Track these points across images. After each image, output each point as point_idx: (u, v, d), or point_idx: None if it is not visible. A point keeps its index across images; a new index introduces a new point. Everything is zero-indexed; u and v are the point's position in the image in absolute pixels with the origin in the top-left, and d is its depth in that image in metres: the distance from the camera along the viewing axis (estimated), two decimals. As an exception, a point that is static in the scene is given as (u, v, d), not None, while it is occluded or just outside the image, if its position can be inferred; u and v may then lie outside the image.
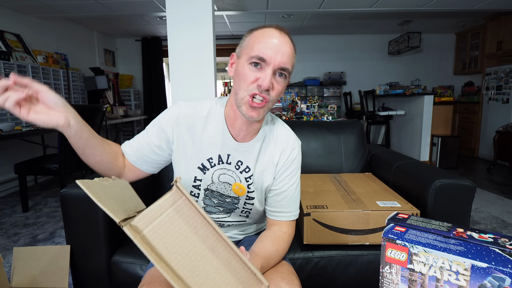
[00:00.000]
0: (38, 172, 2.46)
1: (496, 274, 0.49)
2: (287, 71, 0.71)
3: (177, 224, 0.50)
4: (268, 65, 0.69)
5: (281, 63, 0.69)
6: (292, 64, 0.74)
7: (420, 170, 1.20)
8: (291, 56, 0.72)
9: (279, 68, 0.70)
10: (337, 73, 5.49)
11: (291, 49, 0.72)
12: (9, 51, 3.08)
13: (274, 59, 0.68)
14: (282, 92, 0.75)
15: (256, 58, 0.69)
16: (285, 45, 0.70)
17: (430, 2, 3.43)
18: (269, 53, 0.68)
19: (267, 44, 0.69)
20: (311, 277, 1.04)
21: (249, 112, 0.71)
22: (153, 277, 0.71)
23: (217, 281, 0.48)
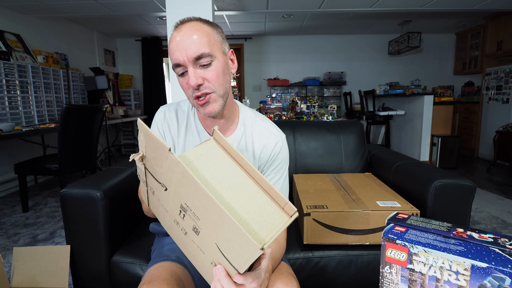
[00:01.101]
0: (38, 172, 2.46)
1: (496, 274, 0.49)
2: (204, 56, 0.69)
3: (220, 157, 0.56)
4: (186, 65, 0.70)
5: (191, 54, 0.69)
6: (207, 43, 0.70)
7: (420, 170, 1.20)
8: (199, 39, 0.69)
9: (194, 59, 0.69)
10: (337, 73, 5.49)
11: (196, 32, 0.70)
12: (9, 51, 3.08)
13: (184, 57, 0.69)
14: (222, 75, 0.74)
15: (175, 66, 0.72)
16: (184, 37, 0.69)
17: (430, 2, 3.43)
18: (179, 56, 0.69)
19: (173, 49, 0.70)
20: (311, 277, 1.04)
21: (204, 110, 0.74)
22: (153, 276, 0.71)
23: (257, 204, 0.50)
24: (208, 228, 0.48)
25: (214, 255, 0.50)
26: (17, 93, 3.07)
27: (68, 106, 2.27)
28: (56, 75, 3.62)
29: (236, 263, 0.47)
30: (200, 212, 0.48)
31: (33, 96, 3.26)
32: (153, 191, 0.62)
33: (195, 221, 0.50)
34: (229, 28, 4.84)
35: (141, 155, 0.59)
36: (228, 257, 0.47)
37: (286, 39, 5.48)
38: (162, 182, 0.55)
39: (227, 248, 0.47)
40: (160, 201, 0.60)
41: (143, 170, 0.61)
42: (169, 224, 0.62)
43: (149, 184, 0.63)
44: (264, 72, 5.60)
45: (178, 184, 0.50)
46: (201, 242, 0.52)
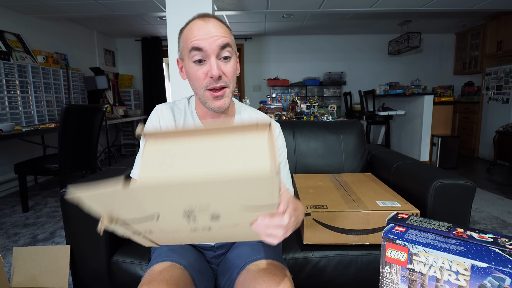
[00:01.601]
0: (38, 172, 2.46)
1: (496, 274, 0.49)
2: (229, 47, 0.72)
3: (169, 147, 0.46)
4: (208, 54, 0.70)
5: (218, 43, 0.70)
6: (230, 39, 0.74)
7: (420, 170, 1.20)
8: (225, 33, 0.72)
9: (220, 47, 0.70)
10: (337, 73, 5.49)
11: (221, 27, 0.72)
12: (9, 51, 3.08)
13: (209, 44, 0.69)
14: (235, 72, 0.76)
15: (194, 49, 0.70)
16: (212, 27, 0.71)
17: (430, 2, 3.43)
18: (203, 41, 0.70)
19: (196, 35, 0.70)
20: (311, 277, 1.04)
21: (215, 103, 0.74)
22: (153, 276, 0.71)
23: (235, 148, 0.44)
24: (224, 203, 0.44)
25: (247, 216, 0.48)
26: (17, 93, 3.07)
27: (68, 106, 2.27)
28: (56, 75, 3.62)
29: (270, 201, 0.45)
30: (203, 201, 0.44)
31: (33, 96, 3.26)
32: (150, 230, 0.52)
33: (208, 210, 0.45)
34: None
35: (107, 220, 0.47)
36: (259, 204, 0.45)
37: (286, 39, 5.48)
38: (150, 214, 0.46)
39: (252, 200, 0.44)
40: (164, 230, 0.52)
41: (123, 227, 0.50)
42: (190, 238, 0.55)
43: (140, 229, 0.52)
44: (264, 72, 5.60)
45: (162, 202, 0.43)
46: (228, 220, 0.48)
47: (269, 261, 0.76)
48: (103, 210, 0.46)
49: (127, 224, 0.49)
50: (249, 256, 0.78)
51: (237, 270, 0.76)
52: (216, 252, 0.88)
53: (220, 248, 0.88)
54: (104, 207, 0.46)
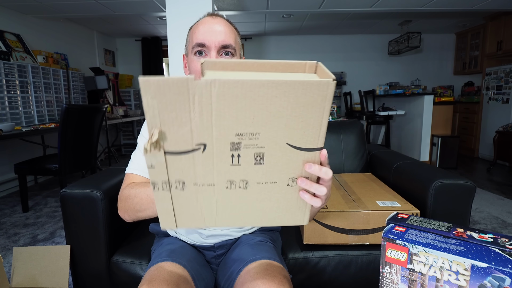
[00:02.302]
0: (38, 172, 2.46)
1: (496, 274, 0.49)
2: (230, 48, 0.74)
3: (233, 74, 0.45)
4: (209, 48, 0.73)
5: (221, 41, 0.73)
6: (235, 40, 0.76)
7: (420, 170, 1.20)
8: (230, 33, 0.75)
9: (221, 46, 0.73)
10: (337, 73, 5.49)
11: (227, 27, 0.75)
12: (9, 51, 3.08)
13: (212, 41, 0.72)
14: None
15: (197, 45, 0.73)
16: (218, 25, 0.74)
17: (430, 2, 3.43)
18: (207, 37, 0.72)
19: (202, 30, 0.73)
20: (311, 277, 1.04)
21: None
22: (153, 276, 0.71)
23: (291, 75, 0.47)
24: (272, 130, 0.41)
25: (289, 166, 0.45)
26: (17, 93, 3.07)
27: (68, 106, 2.27)
28: (56, 75, 3.62)
29: (312, 140, 0.43)
30: (256, 120, 0.40)
31: (33, 96, 3.26)
32: (183, 182, 0.45)
33: (256, 145, 0.42)
34: (229, 28, 4.84)
35: (156, 137, 0.40)
36: (302, 143, 0.43)
37: (286, 39, 5.48)
38: (197, 142, 0.41)
39: (298, 130, 0.42)
40: (199, 183, 0.45)
41: (163, 161, 0.42)
42: (221, 203, 0.48)
43: (174, 178, 0.44)
44: (264, 72, 5.59)
45: (220, 114, 0.39)
46: (268, 168, 0.44)
47: (269, 262, 0.76)
48: (157, 116, 0.39)
49: (168, 153, 0.42)
50: (249, 257, 0.78)
51: (237, 271, 0.76)
52: (216, 252, 0.88)
53: (220, 248, 0.88)
54: (161, 108, 0.39)
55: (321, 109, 0.41)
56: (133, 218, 0.74)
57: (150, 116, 0.39)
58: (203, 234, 0.87)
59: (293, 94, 0.39)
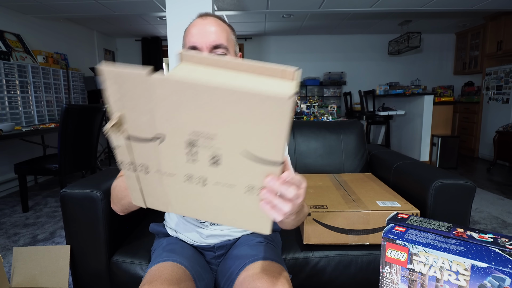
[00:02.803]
0: (38, 172, 2.46)
1: (496, 274, 0.49)
2: (222, 47, 0.74)
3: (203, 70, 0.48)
4: (202, 50, 0.74)
5: (211, 42, 0.73)
6: (226, 38, 0.76)
7: (420, 170, 1.20)
8: (221, 32, 0.75)
9: (213, 47, 0.73)
10: (337, 73, 5.49)
11: (218, 26, 0.75)
12: (9, 51, 3.08)
13: (203, 42, 0.73)
14: None
15: (190, 48, 0.74)
16: (208, 26, 0.74)
17: (430, 2, 3.43)
18: (198, 39, 0.73)
19: (193, 33, 0.74)
20: (311, 277, 1.04)
21: None
22: (154, 276, 0.71)
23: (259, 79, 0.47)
24: (228, 140, 0.41)
25: (247, 173, 0.43)
26: (17, 93, 3.07)
27: (68, 106, 2.27)
28: (56, 75, 3.62)
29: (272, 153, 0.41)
30: (212, 129, 0.40)
31: (33, 96, 3.26)
32: (147, 166, 0.47)
33: (211, 146, 0.42)
34: (229, 28, 4.84)
35: (116, 119, 0.42)
36: (262, 153, 0.41)
37: (286, 39, 5.48)
38: (156, 133, 0.43)
39: (257, 146, 0.41)
40: (160, 169, 0.47)
41: (124, 144, 0.45)
42: (180, 191, 0.49)
43: (139, 161, 0.47)
44: (264, 72, 5.60)
45: (176, 110, 0.40)
46: (226, 171, 0.44)
47: (268, 262, 0.76)
48: (118, 101, 0.41)
49: (129, 139, 0.45)
50: (248, 257, 0.78)
51: (236, 271, 0.76)
52: (216, 252, 0.88)
53: (220, 248, 0.88)
54: (121, 95, 0.41)
55: (279, 123, 0.39)
56: (121, 208, 0.75)
57: (112, 100, 0.42)
58: (203, 234, 0.87)
59: (247, 104, 0.38)
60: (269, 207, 0.45)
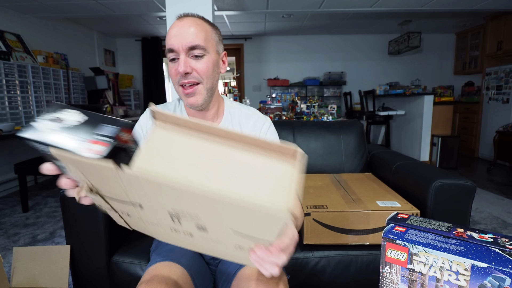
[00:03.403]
0: (38, 172, 2.46)
1: (496, 274, 0.49)
2: (199, 48, 0.73)
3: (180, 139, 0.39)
4: (178, 52, 0.73)
5: (187, 43, 0.72)
6: (204, 38, 0.74)
7: (420, 170, 1.20)
8: (197, 32, 0.73)
9: (189, 48, 0.72)
10: (337, 73, 5.49)
11: (196, 26, 0.74)
12: (9, 51, 3.08)
13: (180, 44, 0.72)
14: (211, 70, 0.76)
15: (168, 51, 0.74)
16: (185, 27, 0.74)
17: (430, 2, 3.43)
18: (174, 42, 0.72)
19: (170, 35, 0.74)
20: (311, 277, 1.04)
21: (187, 100, 0.77)
22: (152, 276, 0.71)
23: (254, 168, 0.37)
24: (215, 221, 0.38)
25: (235, 240, 0.41)
26: (17, 93, 3.07)
27: (68, 106, 2.26)
28: (56, 75, 3.62)
29: (266, 237, 0.38)
30: (196, 211, 0.37)
31: (33, 96, 3.26)
32: (127, 213, 0.47)
33: (196, 220, 0.39)
34: (229, 28, 4.84)
35: (86, 187, 0.42)
36: (254, 234, 0.39)
37: (286, 39, 5.47)
38: (132, 201, 0.41)
39: (249, 229, 0.38)
40: (142, 219, 0.47)
41: (101, 200, 0.45)
42: (167, 235, 0.49)
43: (118, 209, 0.47)
44: (264, 72, 5.60)
45: (152, 195, 0.38)
46: (214, 235, 0.42)
47: None
48: (82, 178, 0.40)
49: (105, 200, 0.45)
50: None
51: (234, 272, 0.76)
52: None
53: None
54: (85, 176, 0.39)
55: (274, 226, 0.35)
56: None
57: (74, 174, 0.41)
58: None
59: (236, 210, 0.34)
60: (258, 264, 0.43)
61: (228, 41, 5.40)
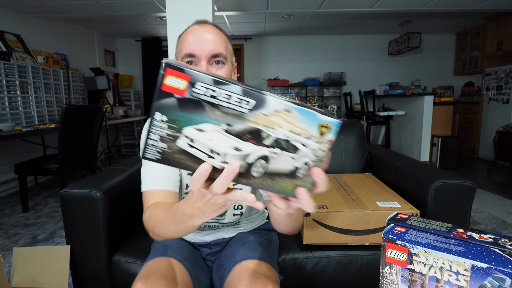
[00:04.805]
0: (38, 172, 2.46)
1: (496, 275, 0.49)
2: (221, 56, 0.71)
3: None
4: (199, 58, 0.70)
5: (211, 51, 0.70)
6: (225, 48, 0.73)
7: (420, 170, 1.20)
8: (219, 41, 0.72)
9: (212, 56, 0.70)
10: (337, 74, 5.49)
11: (217, 34, 0.72)
12: (9, 51, 3.08)
13: (202, 51, 0.69)
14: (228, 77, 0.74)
15: (186, 56, 0.69)
16: (207, 33, 0.71)
17: (430, 2, 3.43)
18: (196, 47, 0.69)
19: (190, 40, 0.70)
20: (311, 277, 1.04)
21: None
22: (150, 270, 0.71)
23: None
24: None
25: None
26: (17, 93, 3.07)
27: (68, 107, 2.27)
28: (56, 75, 3.62)
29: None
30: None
31: (33, 96, 3.26)
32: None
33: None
34: (229, 28, 4.84)
35: None
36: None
37: (286, 39, 5.48)
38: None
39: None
40: None
41: None
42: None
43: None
44: (264, 73, 5.60)
45: None
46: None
47: (257, 262, 0.76)
48: None
49: None
50: (239, 256, 0.79)
51: (228, 269, 0.77)
52: (212, 249, 0.89)
53: (216, 245, 0.89)
54: None
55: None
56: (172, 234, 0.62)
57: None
58: (201, 233, 0.88)
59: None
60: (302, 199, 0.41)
61: (228, 41, 5.40)
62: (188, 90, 0.35)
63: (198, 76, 0.35)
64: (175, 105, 0.36)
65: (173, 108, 0.36)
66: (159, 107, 0.36)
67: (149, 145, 0.38)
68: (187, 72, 0.35)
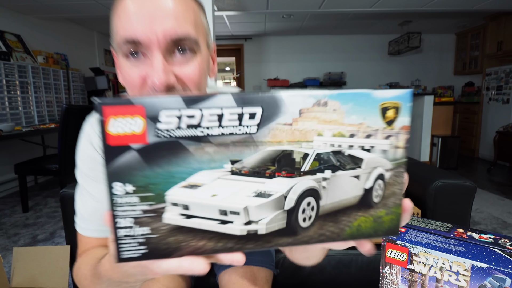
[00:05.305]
0: (38, 172, 2.46)
1: (496, 275, 0.49)
2: (188, 40, 0.43)
3: None
4: (149, 47, 0.42)
5: (168, 32, 0.41)
6: (194, 23, 0.44)
7: (420, 170, 1.20)
8: (184, 11, 0.42)
9: (171, 40, 0.42)
10: (337, 74, 5.49)
11: (182, 5, 0.43)
12: (9, 51, 3.08)
13: (152, 34, 0.41)
14: (203, 75, 0.47)
15: (125, 43, 0.43)
16: (158, 1, 0.41)
17: (430, 2, 3.43)
18: (140, 27, 0.41)
19: (130, 12, 0.42)
20: (311, 276, 1.04)
21: None
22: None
23: None
24: None
25: None
26: (17, 93, 3.07)
27: (68, 107, 2.27)
28: (56, 75, 3.62)
29: None
30: None
31: (33, 96, 3.26)
32: None
33: None
34: (229, 28, 4.84)
35: None
36: None
37: (286, 39, 5.48)
38: None
39: None
40: None
41: None
42: None
43: None
44: (264, 73, 5.60)
45: None
46: None
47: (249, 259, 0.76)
48: None
49: None
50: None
51: (223, 267, 0.77)
52: None
53: None
54: None
55: None
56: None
57: None
58: None
59: None
60: None
61: (228, 41, 5.40)
62: (149, 130, 0.23)
63: (156, 102, 0.22)
64: (139, 162, 0.23)
65: (137, 167, 0.23)
66: (115, 174, 0.23)
67: (122, 237, 0.24)
68: (136, 103, 0.22)
